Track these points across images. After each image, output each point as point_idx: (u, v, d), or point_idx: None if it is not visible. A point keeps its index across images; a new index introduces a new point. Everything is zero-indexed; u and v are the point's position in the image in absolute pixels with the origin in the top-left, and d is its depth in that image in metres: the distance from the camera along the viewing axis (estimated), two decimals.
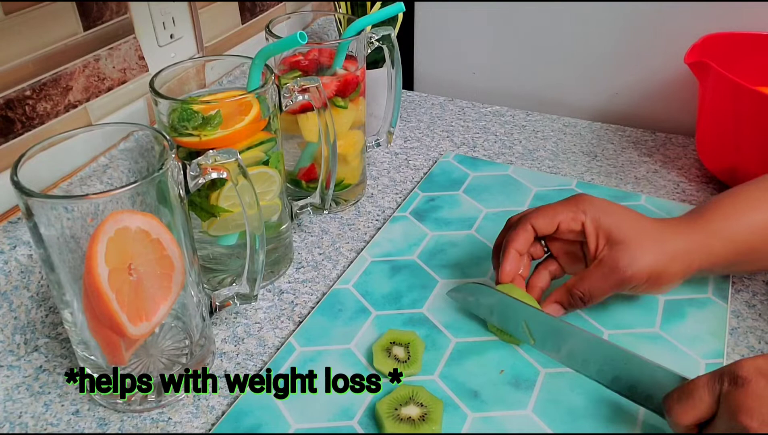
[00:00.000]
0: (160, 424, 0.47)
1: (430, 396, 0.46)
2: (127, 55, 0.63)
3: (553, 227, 0.50)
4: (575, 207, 0.50)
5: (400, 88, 0.70)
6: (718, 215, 0.50)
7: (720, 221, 0.49)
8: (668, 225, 0.50)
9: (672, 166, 0.76)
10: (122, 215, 0.40)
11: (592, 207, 0.49)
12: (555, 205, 0.51)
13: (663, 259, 0.47)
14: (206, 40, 0.74)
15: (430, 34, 0.96)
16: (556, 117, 0.88)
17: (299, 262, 0.62)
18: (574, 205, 0.50)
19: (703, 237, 0.48)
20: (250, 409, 0.47)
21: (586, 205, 0.50)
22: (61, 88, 0.57)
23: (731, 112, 0.67)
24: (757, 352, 0.51)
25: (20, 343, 0.51)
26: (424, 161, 0.79)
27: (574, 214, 0.49)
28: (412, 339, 0.51)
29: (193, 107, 0.49)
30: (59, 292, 0.43)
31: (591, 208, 0.49)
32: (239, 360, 0.52)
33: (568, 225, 0.50)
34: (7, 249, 0.51)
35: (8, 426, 0.47)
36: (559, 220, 0.50)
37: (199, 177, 0.45)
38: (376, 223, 0.68)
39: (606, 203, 0.50)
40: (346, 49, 0.63)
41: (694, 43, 0.71)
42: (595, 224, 0.49)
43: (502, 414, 0.46)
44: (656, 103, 0.86)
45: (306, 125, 0.62)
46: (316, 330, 0.53)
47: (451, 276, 0.59)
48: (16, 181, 0.39)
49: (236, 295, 0.51)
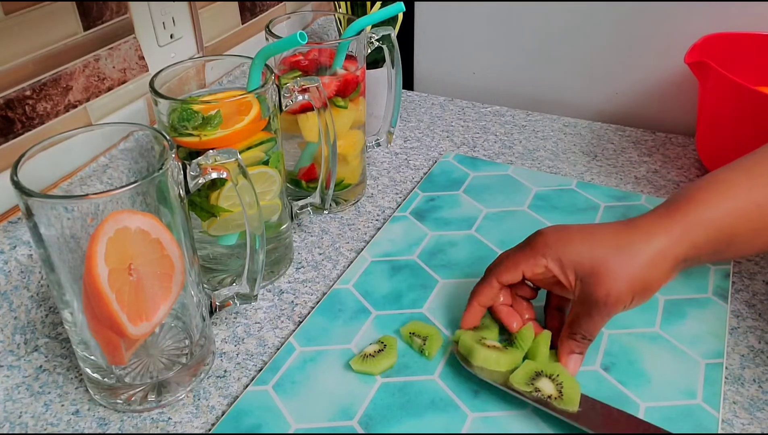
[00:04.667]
0: (160, 424, 0.47)
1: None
2: (127, 55, 0.63)
3: (518, 277, 0.49)
4: (534, 252, 0.48)
5: (400, 88, 0.70)
6: (697, 204, 0.47)
7: (700, 211, 0.46)
8: (638, 228, 0.47)
9: (672, 166, 0.76)
10: (122, 215, 0.40)
11: (549, 248, 0.47)
12: (516, 254, 0.49)
13: (640, 271, 0.45)
14: (206, 40, 0.74)
15: (430, 34, 0.96)
16: (556, 117, 0.88)
17: (299, 262, 0.62)
18: (532, 250, 0.48)
19: (682, 229, 0.46)
20: (250, 409, 0.47)
21: (543, 247, 0.48)
22: (61, 88, 0.57)
23: (731, 112, 0.67)
24: (757, 352, 0.51)
25: (20, 343, 0.51)
26: (424, 161, 0.79)
27: (535, 259, 0.48)
28: (432, 333, 0.51)
29: (193, 107, 0.49)
30: (59, 292, 0.43)
31: (549, 250, 0.47)
32: (239, 360, 0.52)
33: (532, 272, 0.48)
34: (7, 249, 0.51)
35: (8, 426, 0.47)
36: (521, 269, 0.48)
37: (199, 177, 0.45)
38: (376, 223, 0.68)
39: (563, 234, 0.48)
40: (346, 49, 0.63)
41: (694, 43, 0.71)
42: (559, 263, 0.47)
43: (502, 414, 0.46)
44: (656, 103, 0.86)
45: (306, 125, 0.62)
46: (316, 330, 0.53)
47: (451, 276, 0.59)
48: (16, 181, 0.39)
49: (236, 295, 0.51)
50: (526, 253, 0.48)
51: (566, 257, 0.47)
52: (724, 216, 0.46)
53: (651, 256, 0.45)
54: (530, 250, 0.48)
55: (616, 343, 0.51)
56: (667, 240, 0.46)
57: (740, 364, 0.50)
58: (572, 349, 0.48)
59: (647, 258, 0.45)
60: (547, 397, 0.45)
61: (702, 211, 0.46)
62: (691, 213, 0.46)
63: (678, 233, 0.46)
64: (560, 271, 0.47)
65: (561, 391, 0.45)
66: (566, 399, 0.44)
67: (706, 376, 0.48)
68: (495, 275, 0.50)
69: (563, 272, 0.47)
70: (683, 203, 0.47)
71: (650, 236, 0.46)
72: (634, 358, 0.50)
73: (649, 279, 0.45)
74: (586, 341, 0.47)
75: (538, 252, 0.48)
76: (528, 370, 0.46)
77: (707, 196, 0.47)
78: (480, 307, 0.51)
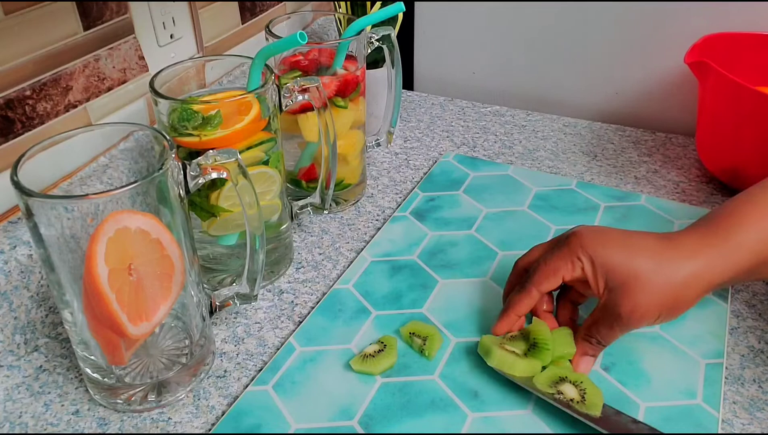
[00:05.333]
0: (160, 424, 0.47)
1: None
2: (127, 55, 0.63)
3: (558, 283, 0.48)
4: (570, 253, 0.47)
5: (400, 88, 0.70)
6: (738, 226, 0.46)
7: (742, 233, 0.45)
8: (677, 246, 0.46)
9: (672, 165, 0.76)
10: (122, 215, 0.40)
11: (585, 249, 0.46)
12: (554, 258, 0.48)
13: (672, 290, 0.44)
14: (206, 40, 0.74)
15: (430, 34, 0.96)
16: (556, 117, 0.88)
17: (299, 262, 0.62)
18: (569, 252, 0.47)
19: (725, 252, 0.45)
20: (250, 409, 0.47)
21: (578, 248, 0.47)
22: (61, 88, 0.57)
23: (731, 112, 0.67)
24: (757, 352, 0.51)
25: (20, 343, 0.51)
26: (424, 161, 0.79)
27: (573, 263, 0.47)
28: (432, 333, 0.51)
29: (193, 107, 0.49)
30: (59, 292, 0.43)
31: (585, 251, 0.46)
32: (239, 360, 0.52)
33: (571, 276, 0.47)
34: (7, 249, 0.51)
35: (8, 426, 0.47)
36: (561, 275, 0.47)
37: (199, 177, 0.45)
38: (376, 223, 0.68)
39: (599, 235, 0.47)
40: (346, 49, 0.63)
41: (694, 43, 0.71)
42: (591, 266, 0.46)
43: (502, 414, 0.46)
44: (656, 103, 0.86)
45: (306, 125, 0.62)
46: (316, 330, 0.53)
47: (451, 276, 0.59)
48: (16, 181, 0.39)
49: (236, 295, 0.51)
50: (564, 255, 0.47)
51: (600, 260, 0.46)
52: (764, 238, 0.45)
53: (687, 276, 0.44)
54: (567, 252, 0.47)
55: (616, 343, 0.51)
56: (707, 262, 0.45)
57: (740, 364, 0.50)
58: (586, 350, 0.48)
59: (683, 278, 0.44)
60: (569, 400, 0.45)
61: (745, 235, 0.45)
62: (734, 236, 0.45)
63: (719, 258, 0.45)
64: (592, 274, 0.46)
65: (584, 397, 0.45)
66: (589, 404, 0.44)
67: (706, 376, 0.48)
68: (535, 285, 0.48)
69: (594, 276, 0.46)
70: (723, 225, 0.46)
71: (691, 256, 0.45)
72: (634, 358, 0.50)
73: (681, 299, 0.45)
74: (601, 346, 0.48)
75: (574, 253, 0.47)
76: (552, 374, 0.46)
77: (746, 218, 0.46)
78: (516, 317, 0.50)
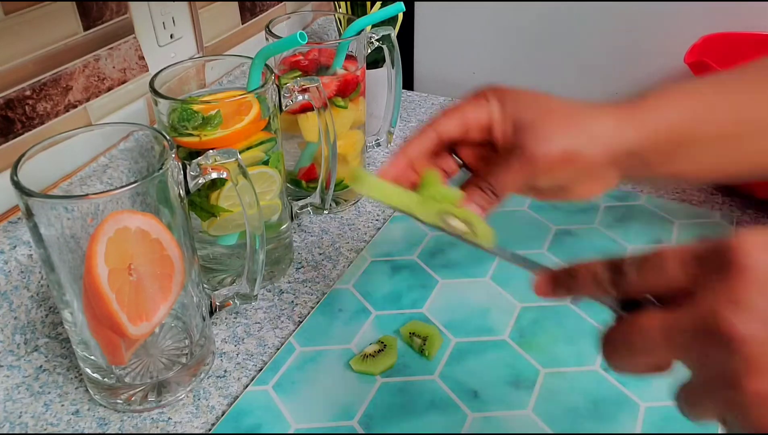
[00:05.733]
0: (160, 424, 0.47)
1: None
2: (127, 55, 0.63)
3: (458, 126, 0.44)
4: (479, 96, 0.44)
5: (400, 88, 0.70)
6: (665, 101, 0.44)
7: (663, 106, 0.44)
8: (593, 106, 0.44)
9: None
10: (122, 215, 0.40)
11: (495, 93, 0.44)
12: (458, 102, 0.45)
13: (578, 138, 0.42)
14: (206, 40, 0.74)
15: (430, 34, 0.96)
16: None
17: (299, 262, 0.62)
18: (476, 95, 0.44)
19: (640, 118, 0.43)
20: (250, 409, 0.47)
21: (491, 91, 0.44)
22: (61, 88, 0.57)
23: None
24: None
25: (20, 343, 0.51)
26: None
27: (478, 103, 0.44)
28: (432, 333, 0.51)
29: (193, 107, 0.49)
30: (59, 292, 0.43)
31: (494, 94, 0.44)
32: (239, 360, 0.52)
33: (476, 117, 0.44)
34: (7, 249, 0.51)
35: (8, 426, 0.47)
36: (464, 114, 0.44)
37: (199, 177, 0.45)
38: (376, 223, 0.68)
39: (513, 88, 0.45)
40: (346, 49, 0.63)
41: (694, 43, 0.71)
42: (501, 111, 0.44)
43: (502, 414, 0.46)
44: None
45: (306, 125, 0.62)
46: (316, 330, 0.53)
47: (451, 276, 0.59)
48: (16, 181, 0.39)
49: (236, 295, 0.51)
50: (469, 97, 0.45)
51: (511, 105, 0.44)
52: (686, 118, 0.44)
53: (596, 131, 0.43)
54: (474, 94, 0.45)
55: None
56: (618, 123, 0.43)
57: None
58: (474, 198, 0.43)
59: (591, 131, 0.43)
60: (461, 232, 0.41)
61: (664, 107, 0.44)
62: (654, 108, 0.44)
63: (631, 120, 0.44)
64: (500, 119, 0.44)
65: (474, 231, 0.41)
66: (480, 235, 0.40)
67: None
68: (435, 124, 0.45)
69: (502, 121, 0.43)
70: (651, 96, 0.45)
71: (606, 115, 0.44)
72: None
73: (584, 151, 0.42)
74: (492, 197, 0.43)
75: (482, 96, 0.45)
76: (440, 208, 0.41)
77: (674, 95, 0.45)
78: (405, 159, 0.44)
